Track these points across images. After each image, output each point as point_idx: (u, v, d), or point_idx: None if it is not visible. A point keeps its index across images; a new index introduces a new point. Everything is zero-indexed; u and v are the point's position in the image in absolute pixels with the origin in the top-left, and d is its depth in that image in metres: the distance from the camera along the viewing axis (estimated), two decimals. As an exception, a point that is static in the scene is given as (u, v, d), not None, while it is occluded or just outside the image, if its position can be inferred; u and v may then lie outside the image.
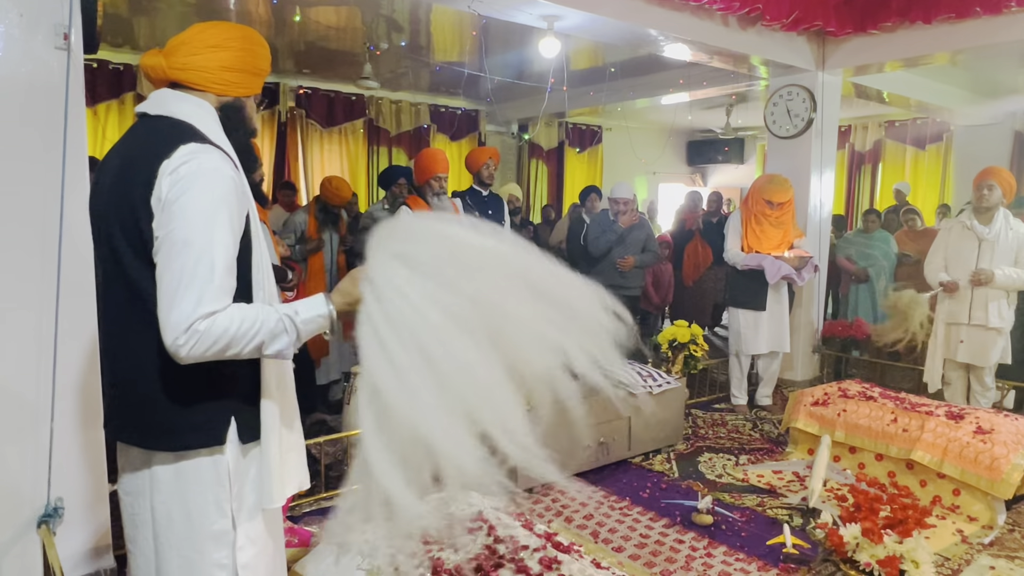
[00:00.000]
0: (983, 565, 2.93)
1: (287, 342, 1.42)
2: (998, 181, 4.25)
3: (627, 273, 5.26)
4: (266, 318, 1.39)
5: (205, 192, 1.36)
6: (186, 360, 1.34)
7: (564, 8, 4.08)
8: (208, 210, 1.36)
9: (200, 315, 1.31)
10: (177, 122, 1.46)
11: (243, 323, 1.36)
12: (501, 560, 2.16)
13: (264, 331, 1.39)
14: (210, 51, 1.50)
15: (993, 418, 3.57)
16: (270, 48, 1.64)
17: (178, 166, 1.37)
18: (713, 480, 3.84)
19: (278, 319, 1.41)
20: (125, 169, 1.43)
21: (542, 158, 10.03)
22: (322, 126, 8.04)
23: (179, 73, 1.50)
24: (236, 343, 1.36)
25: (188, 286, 1.32)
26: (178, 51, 1.50)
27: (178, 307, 1.31)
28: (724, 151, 11.63)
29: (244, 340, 1.36)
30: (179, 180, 1.36)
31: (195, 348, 1.32)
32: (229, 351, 1.36)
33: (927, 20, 4.85)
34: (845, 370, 5.96)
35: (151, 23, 5.64)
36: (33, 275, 2.40)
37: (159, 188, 1.37)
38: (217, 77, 1.52)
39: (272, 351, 1.41)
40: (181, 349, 1.32)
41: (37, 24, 2.38)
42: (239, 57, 1.54)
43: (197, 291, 1.32)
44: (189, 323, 1.31)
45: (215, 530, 1.48)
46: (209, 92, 1.53)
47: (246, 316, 1.37)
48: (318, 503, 3.34)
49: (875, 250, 6.52)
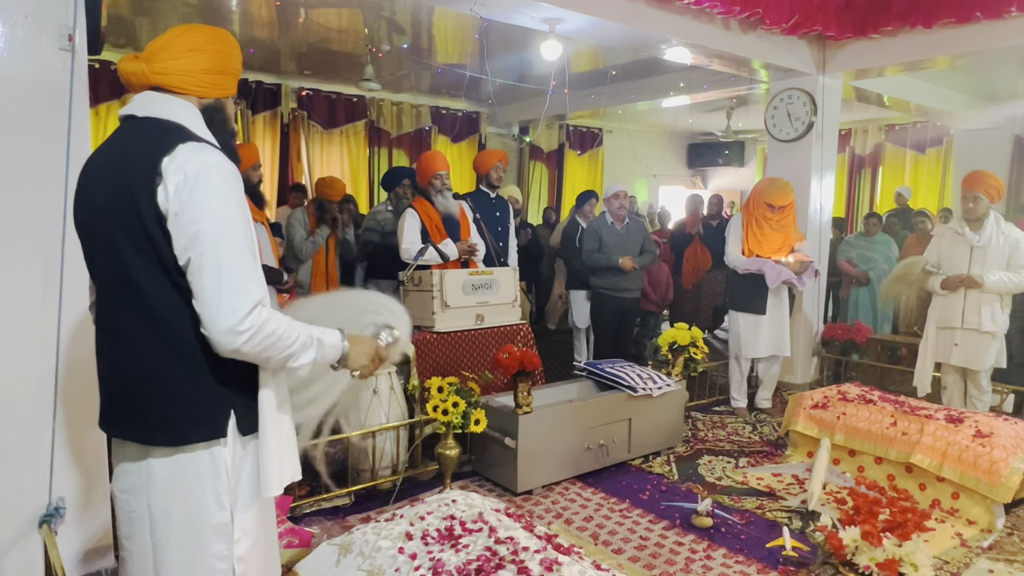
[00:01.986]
0: (982, 568, 2.94)
1: (312, 358, 1.52)
2: (983, 191, 4.22)
3: (627, 275, 5.27)
4: (300, 332, 1.49)
5: (220, 187, 1.41)
6: (237, 352, 1.40)
7: (566, 11, 4.10)
8: (226, 204, 1.41)
9: (255, 302, 1.39)
10: (168, 123, 1.49)
11: (288, 329, 1.46)
12: (502, 561, 2.17)
13: (299, 343, 1.48)
14: (190, 54, 1.53)
15: (992, 422, 3.58)
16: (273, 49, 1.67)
17: (183, 164, 1.39)
18: (713, 483, 3.85)
19: (309, 336, 1.51)
20: (123, 170, 1.44)
21: (542, 160, 10.05)
22: (324, 127, 8.06)
23: (161, 78, 1.53)
24: (278, 346, 1.44)
25: (232, 277, 1.38)
26: (158, 56, 1.53)
27: (229, 298, 1.37)
28: (724, 154, 11.65)
29: (284, 345, 1.45)
30: (188, 178, 1.39)
31: (254, 338, 1.39)
32: (267, 352, 1.43)
33: (927, 24, 4.87)
34: (845, 373, 5.97)
35: (153, 24, 5.66)
36: (36, 275, 2.41)
37: (165, 186, 1.39)
38: (198, 80, 1.55)
39: (296, 364, 1.49)
40: (241, 336, 1.37)
41: (42, 25, 2.39)
42: (216, 59, 1.57)
43: (244, 280, 1.39)
44: (248, 310, 1.37)
45: (215, 522, 1.49)
46: (191, 95, 1.56)
47: (291, 324, 1.47)
48: (318, 504, 3.35)
49: (876, 253, 6.54)
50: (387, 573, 2.19)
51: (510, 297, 4.37)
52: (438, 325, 4.04)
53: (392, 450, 3.60)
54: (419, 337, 3.99)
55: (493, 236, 4.71)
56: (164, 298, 1.44)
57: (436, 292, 4.01)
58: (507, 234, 4.98)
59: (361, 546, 2.34)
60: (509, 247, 4.97)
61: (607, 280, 5.30)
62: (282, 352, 1.45)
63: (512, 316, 4.39)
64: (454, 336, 4.11)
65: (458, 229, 4.43)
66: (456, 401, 3.37)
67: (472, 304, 4.18)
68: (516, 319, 4.41)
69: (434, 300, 4.02)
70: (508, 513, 2.59)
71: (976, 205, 4.24)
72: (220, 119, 1.60)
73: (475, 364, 4.13)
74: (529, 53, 6.02)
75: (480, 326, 4.22)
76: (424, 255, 4.16)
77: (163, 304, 1.44)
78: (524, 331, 4.42)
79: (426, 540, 2.33)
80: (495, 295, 4.28)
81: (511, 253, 4.97)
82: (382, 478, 3.56)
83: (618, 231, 5.34)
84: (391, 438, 3.58)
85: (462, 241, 4.40)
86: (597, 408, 3.86)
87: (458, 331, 4.13)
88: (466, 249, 4.37)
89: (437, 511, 2.53)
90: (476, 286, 4.20)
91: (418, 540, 2.33)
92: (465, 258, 4.40)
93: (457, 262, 4.36)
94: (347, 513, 3.33)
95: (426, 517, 2.48)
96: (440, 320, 4.04)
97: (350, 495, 3.45)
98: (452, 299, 4.07)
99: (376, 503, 3.43)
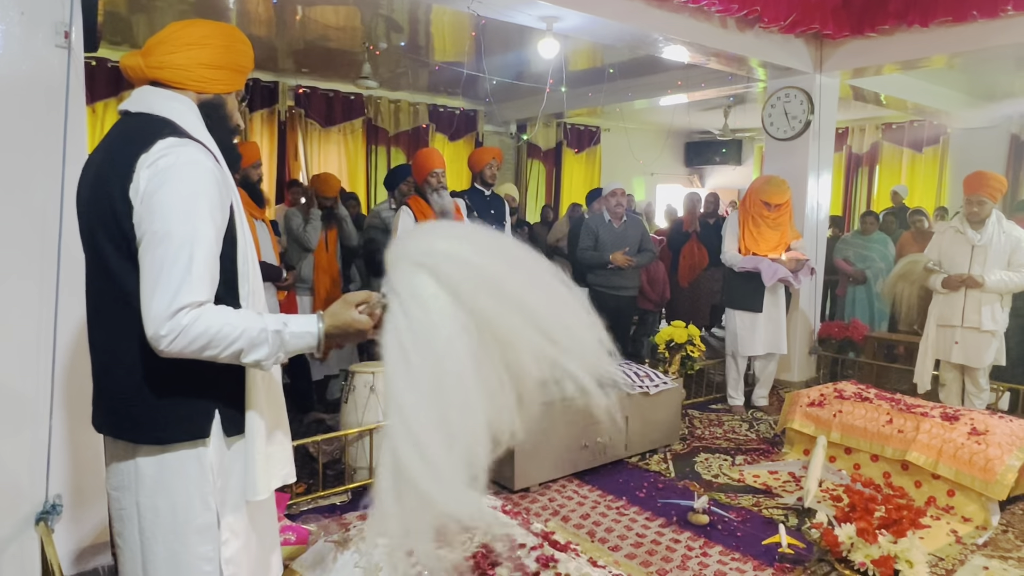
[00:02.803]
0: (977, 565, 2.95)
1: (266, 353, 1.40)
2: (987, 194, 4.21)
3: (624, 273, 5.27)
4: (248, 326, 1.38)
5: (183, 185, 1.37)
6: (166, 353, 1.34)
7: (563, 9, 4.09)
8: (187, 202, 1.36)
9: (180, 306, 1.31)
10: (157, 118, 1.47)
11: (225, 326, 1.35)
12: (498, 559, 2.17)
13: (244, 338, 1.37)
14: (187, 49, 1.51)
15: (988, 419, 3.59)
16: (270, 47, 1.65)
17: (156, 159, 1.37)
18: (709, 480, 3.85)
19: (261, 329, 1.39)
20: (104, 165, 1.44)
21: (540, 158, 10.04)
22: (321, 125, 8.05)
23: (157, 72, 1.51)
24: (215, 344, 1.35)
25: (168, 278, 1.32)
26: (155, 50, 1.51)
27: (158, 299, 1.32)
28: (722, 152, 11.66)
29: (224, 343, 1.36)
30: (157, 173, 1.36)
31: (176, 342, 1.32)
32: (207, 351, 1.36)
33: (924, 23, 4.87)
34: (841, 371, 5.98)
35: (150, 21, 5.65)
36: (32, 272, 2.41)
37: (137, 181, 1.37)
38: (195, 75, 1.52)
39: (250, 360, 1.40)
40: (162, 341, 1.32)
41: (38, 22, 2.38)
42: (218, 54, 1.54)
43: (176, 282, 1.32)
44: (171, 314, 1.31)
45: (200, 523, 1.48)
46: (188, 90, 1.53)
47: (229, 320, 1.36)
48: (315, 501, 3.35)
49: (872, 252, 6.55)
50: (383, 570, 2.20)
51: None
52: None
53: (389, 448, 3.59)
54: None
55: (487, 234, 4.70)
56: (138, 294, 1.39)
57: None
58: (502, 232, 4.99)
59: (357, 543, 2.34)
60: None
61: (604, 278, 5.30)
62: (223, 351, 1.36)
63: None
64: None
65: (454, 227, 4.42)
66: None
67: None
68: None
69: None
70: (505, 510, 2.60)
71: (981, 209, 4.24)
72: (218, 115, 1.57)
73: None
74: (526, 51, 6.01)
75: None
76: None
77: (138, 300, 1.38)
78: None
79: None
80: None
81: None
82: (379, 476, 3.55)
83: (615, 229, 5.35)
84: (388, 436, 3.58)
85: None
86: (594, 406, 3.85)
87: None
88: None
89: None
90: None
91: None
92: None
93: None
94: (344, 510, 3.33)
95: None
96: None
97: (348, 492, 3.45)
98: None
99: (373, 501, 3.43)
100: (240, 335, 1.37)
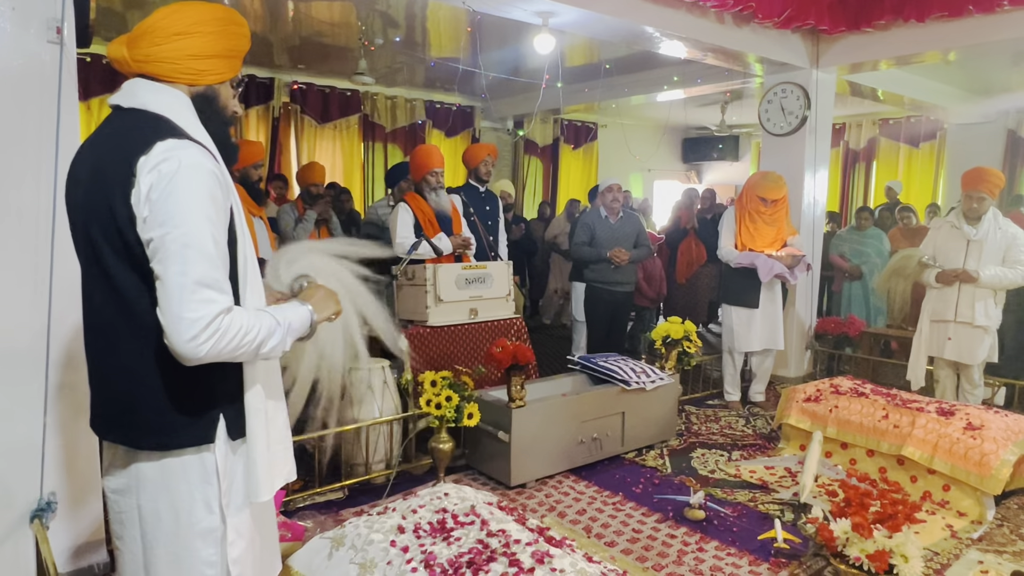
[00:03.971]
0: (972, 560, 2.96)
1: (280, 338, 1.47)
2: (986, 190, 4.21)
3: (621, 269, 5.27)
4: (260, 317, 1.44)
5: (191, 190, 1.33)
6: (200, 359, 1.34)
7: (559, 4, 4.09)
8: (199, 209, 1.34)
9: (217, 312, 1.33)
10: (152, 116, 1.41)
11: (248, 321, 1.39)
12: (493, 554, 2.17)
13: (264, 330, 1.42)
14: (175, 39, 1.43)
15: (983, 414, 3.59)
16: (265, 43, 1.63)
17: (158, 163, 1.32)
18: (706, 476, 3.86)
19: (271, 318, 1.45)
20: (101, 168, 1.39)
21: (537, 154, 10.04)
22: (317, 122, 8.03)
23: (143, 66, 1.43)
24: (246, 342, 1.38)
25: (196, 287, 1.31)
26: (140, 42, 1.43)
27: (193, 308, 1.31)
28: (719, 148, 11.66)
29: (249, 337, 1.39)
30: (161, 179, 1.32)
31: (216, 345, 1.33)
32: (239, 350, 1.38)
33: (920, 18, 4.87)
34: (838, 367, 5.99)
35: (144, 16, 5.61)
36: (26, 269, 2.40)
37: (139, 186, 1.33)
38: (185, 67, 1.44)
39: (267, 349, 1.44)
40: (201, 347, 1.31)
41: (29, 18, 2.37)
42: (209, 42, 1.46)
43: (206, 290, 1.33)
44: (208, 320, 1.31)
45: (203, 527, 1.47)
46: (179, 83, 1.46)
47: (250, 319, 1.40)
48: (312, 498, 3.35)
49: (868, 247, 6.55)
50: (379, 566, 2.20)
51: (504, 291, 4.37)
52: (431, 319, 4.04)
53: (385, 444, 3.60)
54: (412, 331, 3.98)
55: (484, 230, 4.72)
56: (143, 302, 1.38)
57: (429, 286, 4.01)
58: (497, 228, 4.99)
59: (353, 539, 2.34)
60: (499, 241, 4.98)
61: (601, 274, 5.30)
62: (250, 347, 1.40)
63: (506, 310, 4.39)
64: (447, 330, 4.11)
65: (450, 225, 4.43)
66: (449, 395, 3.37)
67: (466, 298, 4.18)
68: (510, 313, 4.41)
69: (427, 294, 4.01)
70: (500, 506, 2.59)
71: (980, 205, 4.24)
72: (212, 109, 1.50)
73: (468, 358, 4.13)
74: (523, 47, 6.00)
75: (473, 320, 4.22)
76: (418, 249, 4.16)
77: (143, 307, 1.38)
78: (518, 325, 4.42)
79: (418, 533, 2.33)
80: (489, 289, 4.28)
81: (501, 247, 4.99)
82: (376, 472, 3.56)
83: (611, 225, 5.34)
84: (384, 432, 3.59)
85: (456, 235, 4.39)
86: (590, 402, 3.86)
87: (451, 325, 4.12)
88: (460, 243, 4.37)
89: (429, 504, 2.53)
90: (469, 280, 4.20)
91: (410, 533, 2.33)
92: (460, 252, 4.40)
93: (451, 256, 4.35)
94: (340, 507, 3.33)
95: (418, 510, 2.48)
96: (433, 314, 4.04)
97: (344, 489, 3.45)
98: (445, 293, 4.07)
99: (370, 497, 3.44)
100: (261, 327, 1.43)
